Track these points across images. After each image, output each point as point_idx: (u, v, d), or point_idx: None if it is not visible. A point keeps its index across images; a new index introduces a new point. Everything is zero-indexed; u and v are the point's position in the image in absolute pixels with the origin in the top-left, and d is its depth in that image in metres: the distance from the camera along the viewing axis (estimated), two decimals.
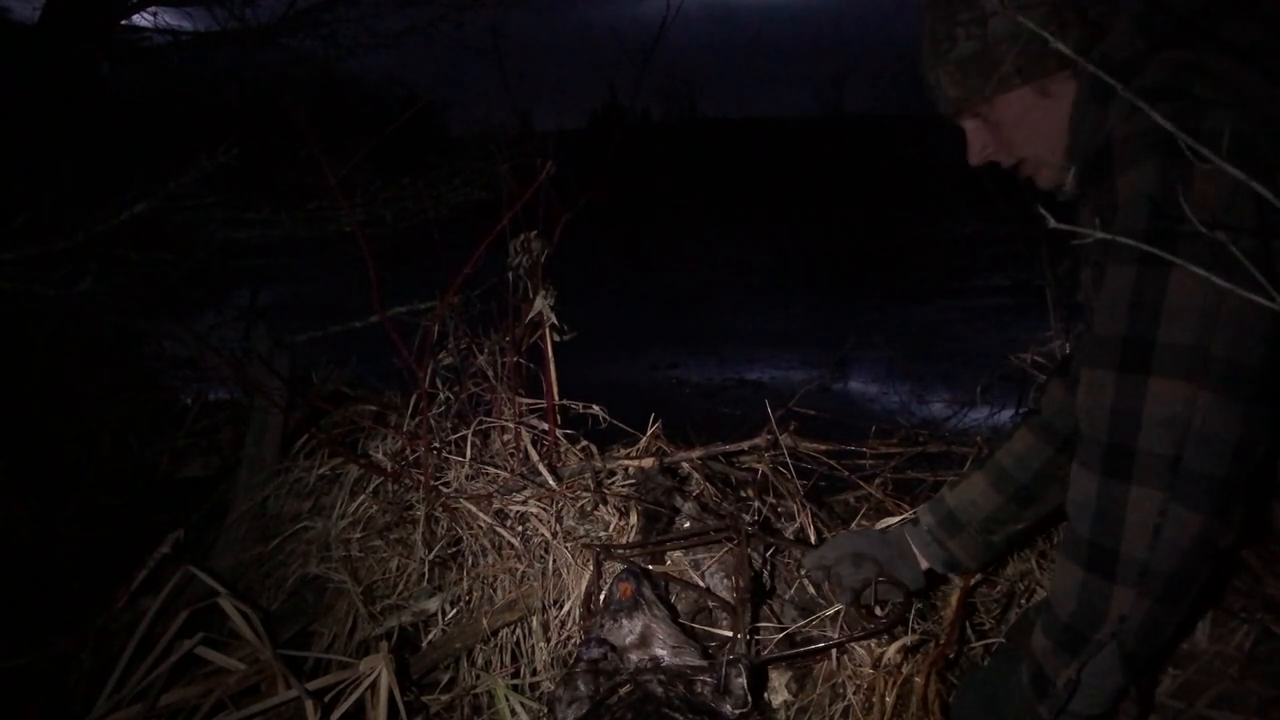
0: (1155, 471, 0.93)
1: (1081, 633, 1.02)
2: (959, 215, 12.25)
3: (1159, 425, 0.92)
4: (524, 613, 1.80)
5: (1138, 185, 0.95)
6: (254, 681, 1.69)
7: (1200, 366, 0.90)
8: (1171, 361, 0.91)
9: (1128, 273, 0.94)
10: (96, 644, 1.98)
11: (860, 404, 6.37)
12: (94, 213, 3.18)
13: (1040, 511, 1.48)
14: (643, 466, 2.04)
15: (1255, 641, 1.03)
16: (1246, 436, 0.91)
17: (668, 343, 8.63)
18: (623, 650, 1.44)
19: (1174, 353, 0.91)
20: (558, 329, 2.10)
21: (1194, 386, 0.90)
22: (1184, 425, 0.91)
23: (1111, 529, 0.97)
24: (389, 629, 1.80)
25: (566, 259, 2.11)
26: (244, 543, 2.18)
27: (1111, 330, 0.96)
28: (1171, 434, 0.92)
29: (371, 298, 1.99)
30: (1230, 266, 0.71)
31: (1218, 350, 0.89)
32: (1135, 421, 0.93)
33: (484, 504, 1.93)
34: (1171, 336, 0.91)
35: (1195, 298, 0.89)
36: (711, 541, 1.74)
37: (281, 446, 2.39)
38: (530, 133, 2.74)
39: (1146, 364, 0.92)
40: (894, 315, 9.67)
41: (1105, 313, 0.98)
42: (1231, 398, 0.90)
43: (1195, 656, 1.07)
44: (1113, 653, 1.00)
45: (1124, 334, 0.94)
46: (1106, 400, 0.96)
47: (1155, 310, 0.92)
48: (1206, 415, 0.90)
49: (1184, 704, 1.06)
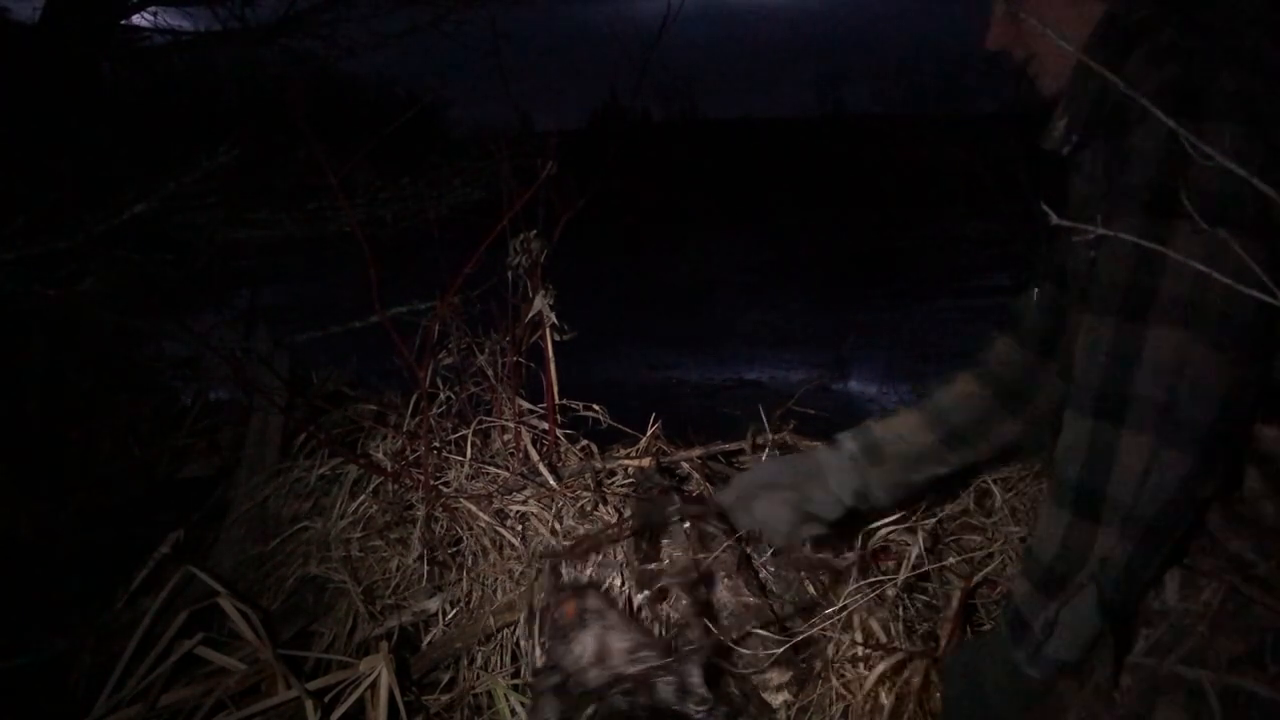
0: (1147, 416, 0.96)
1: (1062, 575, 1.04)
2: (959, 215, 12.26)
3: (1154, 371, 0.95)
4: (524, 613, 1.80)
5: (1147, 142, 0.98)
6: (254, 681, 1.69)
7: (1195, 317, 0.93)
8: (1170, 309, 0.94)
9: (1133, 225, 0.97)
10: (96, 644, 1.97)
11: (860, 404, 6.37)
12: (94, 213, 3.18)
13: (965, 459, 1.49)
14: (642, 466, 2.04)
15: (1223, 599, 1.04)
16: (1235, 387, 0.94)
17: (668, 343, 8.63)
18: (579, 671, 1.40)
19: (1173, 302, 0.94)
20: (558, 329, 2.10)
21: (1190, 335, 0.93)
22: (1178, 372, 0.94)
23: (1100, 471, 0.99)
24: (389, 629, 1.80)
25: (566, 259, 2.10)
26: (244, 543, 2.18)
27: (1114, 279, 0.99)
28: (1165, 380, 0.95)
29: (372, 298, 1.99)
30: (1231, 223, 0.75)
31: (1212, 303, 0.92)
32: (1131, 366, 0.97)
33: (484, 504, 1.93)
34: (1171, 287, 0.94)
35: (1196, 251, 0.91)
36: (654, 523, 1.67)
37: (281, 446, 2.39)
38: (530, 133, 2.74)
39: (1146, 312, 0.96)
40: (894, 315, 9.66)
41: (1108, 262, 1.01)
42: (1221, 349, 0.93)
43: (1166, 615, 1.08)
44: (1092, 595, 1.02)
45: (1126, 283, 0.98)
46: (1103, 346, 0.99)
47: (1158, 262, 0.95)
48: (1200, 364, 0.93)
49: (1155, 661, 1.07)
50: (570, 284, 2.14)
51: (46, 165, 3.78)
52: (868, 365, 7.32)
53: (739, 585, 1.67)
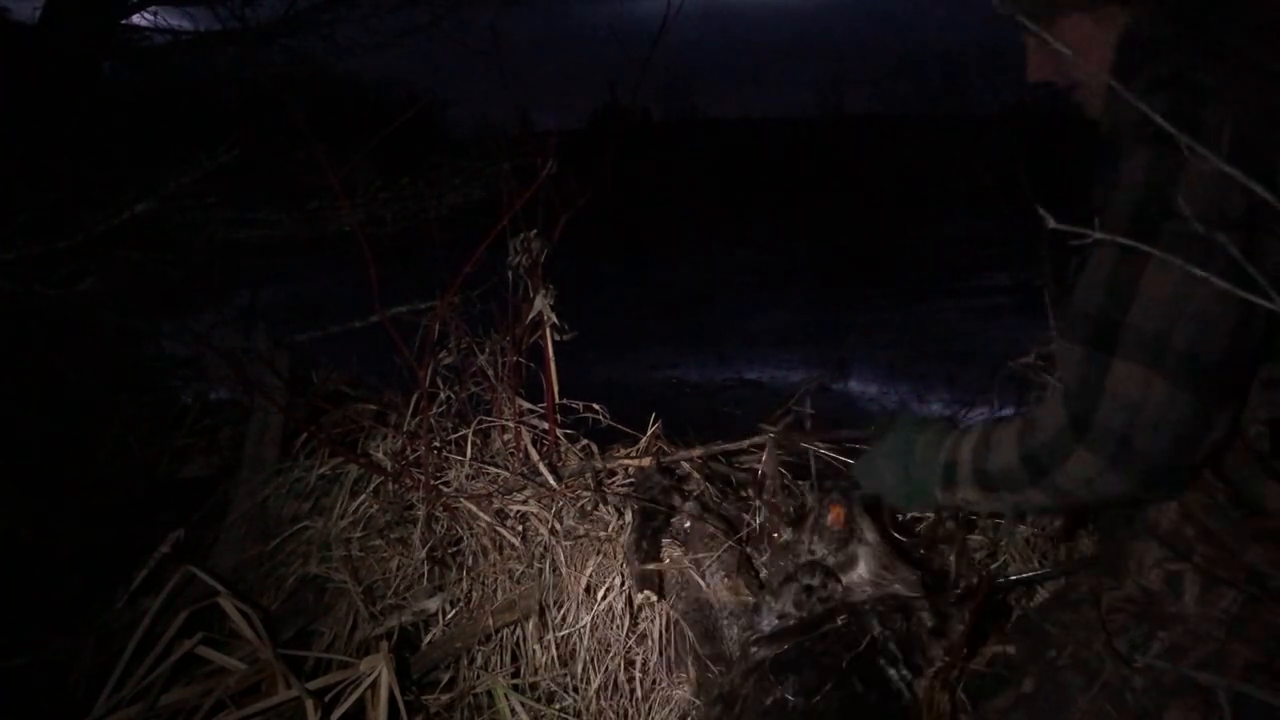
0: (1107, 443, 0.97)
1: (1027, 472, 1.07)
2: (959, 215, 12.26)
3: (1114, 406, 0.96)
4: (524, 613, 1.80)
5: (1133, 172, 0.98)
6: (254, 681, 1.69)
7: (1158, 356, 0.94)
8: (1135, 344, 0.96)
9: (1110, 254, 0.98)
10: (96, 644, 1.97)
11: (860, 404, 6.38)
12: (94, 213, 3.18)
13: None
14: (642, 466, 2.04)
15: (1241, 606, 1.04)
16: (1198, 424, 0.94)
17: (668, 343, 8.63)
18: (834, 571, 1.41)
19: (1138, 335, 0.95)
20: (558, 328, 2.10)
21: (1152, 372, 0.94)
22: (1139, 408, 0.95)
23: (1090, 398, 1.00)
24: (389, 629, 1.80)
25: (566, 259, 2.11)
26: (244, 543, 2.18)
27: (1086, 308, 1.01)
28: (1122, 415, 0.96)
29: (372, 298, 1.99)
30: (1207, 261, 0.74)
31: (1178, 341, 0.93)
32: (1099, 397, 0.98)
33: (484, 503, 1.93)
34: (1136, 320, 0.96)
35: (1164, 287, 0.93)
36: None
37: (282, 446, 2.39)
38: (530, 132, 2.74)
39: (1113, 347, 0.97)
40: (894, 315, 9.67)
41: (1082, 289, 1.02)
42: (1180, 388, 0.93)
43: (1182, 619, 1.08)
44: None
45: (1097, 314, 0.99)
46: (1075, 372, 1.01)
47: (1127, 295, 0.96)
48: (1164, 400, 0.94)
49: (1170, 665, 1.07)
50: (570, 284, 2.14)
51: (46, 165, 3.78)
52: (868, 365, 7.32)
53: (739, 585, 1.68)
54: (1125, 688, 1.09)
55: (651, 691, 1.74)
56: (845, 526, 1.45)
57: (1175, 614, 1.09)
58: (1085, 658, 1.16)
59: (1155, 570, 1.12)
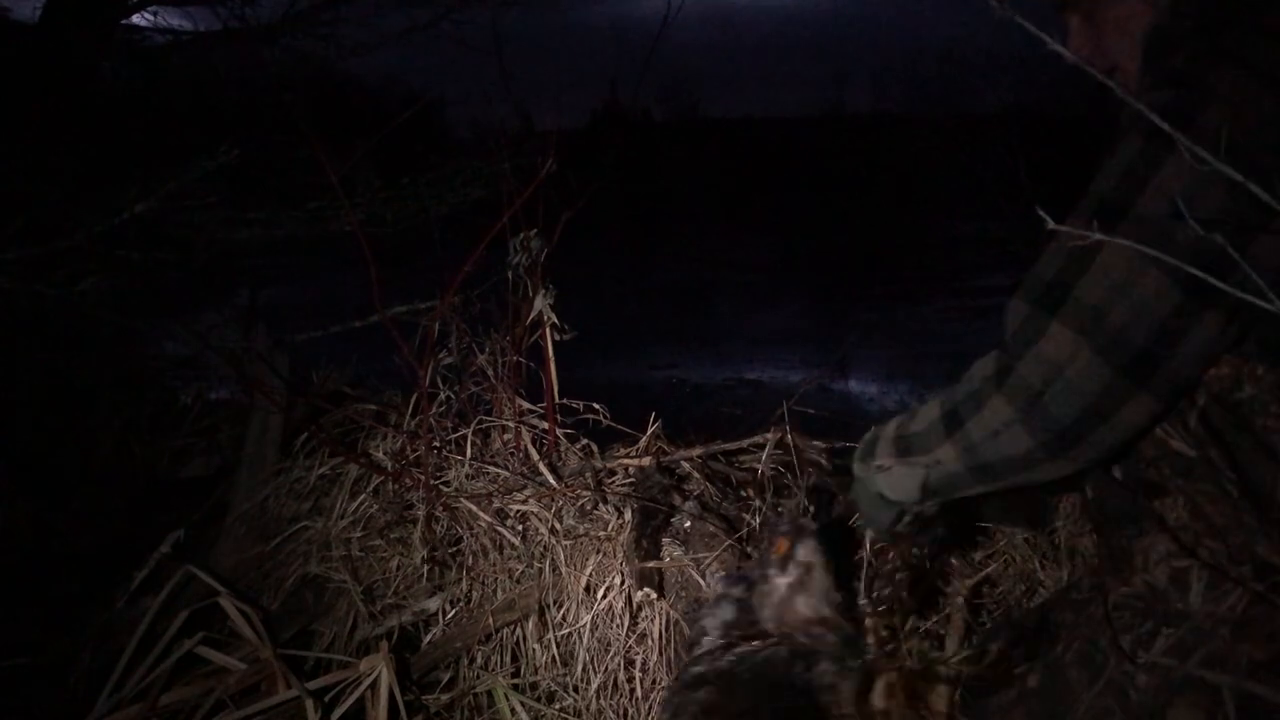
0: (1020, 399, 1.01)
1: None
2: (959, 215, 12.25)
3: (1037, 361, 1.00)
4: (524, 612, 1.80)
5: (1122, 155, 1.01)
6: (254, 681, 1.69)
7: (1093, 328, 0.97)
8: (1074, 311, 0.99)
9: (1076, 226, 0.99)
10: (96, 644, 1.97)
11: (860, 404, 6.37)
12: (94, 213, 3.18)
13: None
14: (641, 466, 2.04)
15: (1248, 604, 1.04)
16: (1110, 399, 0.98)
17: (668, 342, 8.62)
18: (761, 606, 1.42)
19: (1078, 304, 0.98)
20: (558, 328, 2.10)
21: (1083, 340, 0.97)
22: (1059, 369, 0.99)
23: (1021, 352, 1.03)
24: (389, 628, 1.80)
25: (566, 259, 2.11)
26: (244, 543, 2.18)
27: (1043, 271, 1.04)
28: (1042, 371, 1.00)
29: (372, 297, 1.99)
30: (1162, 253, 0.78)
31: (1114, 318, 0.96)
32: (1029, 347, 1.01)
33: (484, 503, 1.93)
34: (1083, 290, 0.98)
35: (1117, 269, 0.96)
36: None
37: (281, 446, 2.39)
38: (530, 132, 2.74)
39: (1055, 308, 1.00)
40: (894, 315, 9.67)
41: (1047, 256, 1.05)
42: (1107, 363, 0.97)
43: (1188, 616, 1.08)
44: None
45: (1050, 278, 1.02)
46: (1017, 324, 1.04)
47: (1080, 267, 0.99)
48: (1083, 368, 0.97)
49: (1175, 662, 1.07)
50: (570, 284, 2.14)
51: (46, 165, 3.78)
52: (868, 365, 7.32)
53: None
54: (1129, 685, 1.09)
55: (651, 691, 1.74)
56: (786, 554, 1.47)
57: (1181, 611, 1.08)
58: (1089, 654, 1.15)
59: (1161, 566, 1.11)
